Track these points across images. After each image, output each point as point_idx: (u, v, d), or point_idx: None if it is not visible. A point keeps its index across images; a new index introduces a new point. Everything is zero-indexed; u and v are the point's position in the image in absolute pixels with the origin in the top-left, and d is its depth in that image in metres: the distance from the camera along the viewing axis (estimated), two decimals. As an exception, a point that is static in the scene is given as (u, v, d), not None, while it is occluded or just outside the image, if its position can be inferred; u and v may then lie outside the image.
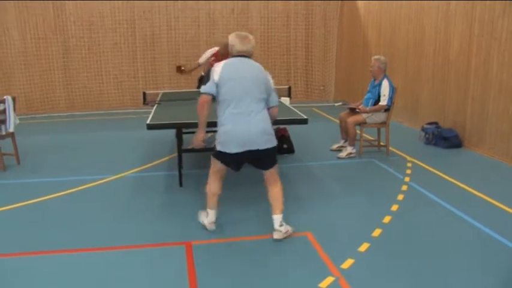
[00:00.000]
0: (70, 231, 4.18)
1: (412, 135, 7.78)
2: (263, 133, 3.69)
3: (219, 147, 3.74)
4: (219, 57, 7.82)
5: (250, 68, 3.80)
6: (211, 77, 3.75)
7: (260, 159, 3.82)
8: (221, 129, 3.72)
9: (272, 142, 3.78)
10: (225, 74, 3.70)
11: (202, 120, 3.82)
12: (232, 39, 3.83)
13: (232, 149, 3.67)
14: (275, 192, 3.89)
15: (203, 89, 3.77)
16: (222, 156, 3.77)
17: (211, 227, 4.04)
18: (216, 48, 7.88)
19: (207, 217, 4.05)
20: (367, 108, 6.47)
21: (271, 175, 3.91)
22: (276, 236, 3.83)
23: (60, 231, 4.18)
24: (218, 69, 3.73)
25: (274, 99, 3.92)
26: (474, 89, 6.75)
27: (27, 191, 5.26)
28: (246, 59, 3.83)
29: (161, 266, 3.52)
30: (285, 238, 3.86)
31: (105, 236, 4.07)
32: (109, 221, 4.39)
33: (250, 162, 3.89)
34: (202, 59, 7.75)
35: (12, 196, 5.11)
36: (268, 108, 3.87)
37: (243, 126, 3.64)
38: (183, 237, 3.97)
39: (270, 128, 3.79)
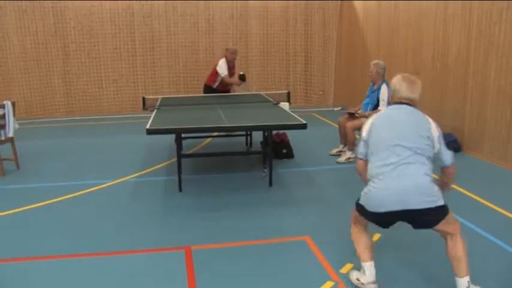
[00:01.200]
0: (69, 237, 4.18)
1: (411, 140, 7.79)
2: (414, 190, 2.95)
3: (363, 203, 3.15)
4: (228, 64, 7.89)
5: (409, 112, 3.18)
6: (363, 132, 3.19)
7: (419, 218, 3.10)
8: (368, 185, 3.10)
9: (430, 201, 3.01)
10: (375, 123, 3.13)
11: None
12: (398, 82, 3.23)
13: (371, 207, 3.07)
14: (457, 249, 3.10)
15: (357, 152, 3.29)
16: (367, 213, 3.15)
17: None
18: (224, 59, 7.92)
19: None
20: (366, 113, 6.48)
21: (445, 226, 3.12)
22: None
23: (59, 237, 4.18)
24: (370, 121, 3.17)
25: (449, 157, 3.17)
26: (472, 94, 6.78)
27: (26, 196, 5.26)
28: (408, 107, 3.19)
29: (161, 271, 3.52)
30: None
31: (104, 241, 4.07)
32: (108, 226, 4.40)
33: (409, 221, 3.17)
34: (223, 71, 7.90)
35: (11, 201, 5.11)
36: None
37: (387, 183, 2.97)
38: (183, 242, 3.97)
39: (428, 186, 3.01)
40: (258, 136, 7.26)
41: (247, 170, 6.27)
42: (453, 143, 6.92)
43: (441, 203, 3.04)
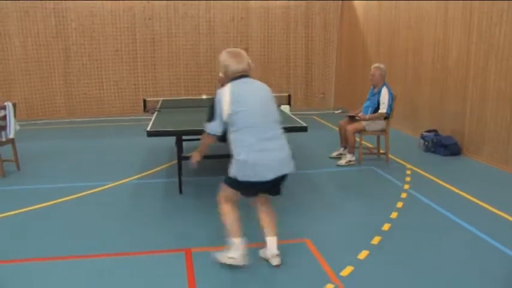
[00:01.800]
0: (69, 238, 4.18)
1: (411, 142, 7.81)
2: (286, 158, 3.42)
3: (240, 177, 3.33)
4: None
5: (258, 87, 3.47)
6: (217, 110, 3.34)
7: (278, 183, 3.50)
8: (243, 160, 3.29)
9: (292, 166, 3.47)
10: (236, 101, 3.28)
11: (204, 152, 3.66)
12: (225, 58, 3.42)
13: (255, 177, 3.30)
14: (273, 217, 3.66)
15: (209, 128, 3.44)
16: (243, 185, 3.38)
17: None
18: None
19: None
20: (367, 116, 6.49)
21: (268, 198, 3.66)
22: (276, 262, 3.55)
23: (59, 238, 4.18)
24: (226, 99, 3.29)
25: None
26: (473, 97, 6.79)
27: (27, 198, 5.26)
28: (249, 79, 3.44)
29: (161, 273, 3.52)
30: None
31: (104, 242, 4.07)
32: (109, 227, 4.40)
33: (269, 189, 3.54)
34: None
35: (11, 202, 5.11)
36: None
37: (266, 154, 3.29)
38: (183, 244, 3.98)
39: (290, 153, 3.49)
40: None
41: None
42: (453, 146, 6.93)
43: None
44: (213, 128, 3.43)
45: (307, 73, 12.11)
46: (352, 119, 6.68)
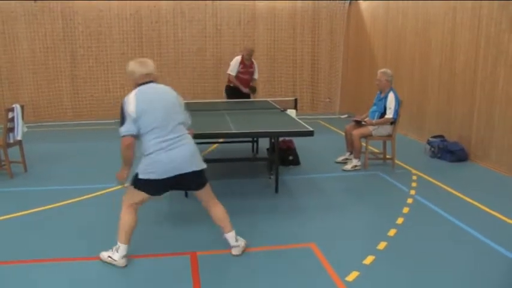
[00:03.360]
0: (75, 240, 4.20)
1: (417, 148, 7.78)
2: (191, 157, 3.63)
3: (146, 176, 3.59)
4: (244, 62, 8.11)
5: (163, 92, 3.71)
6: (126, 113, 3.58)
7: (189, 181, 3.70)
8: (148, 159, 3.59)
9: (201, 164, 3.71)
10: (140, 105, 3.54)
11: (128, 161, 3.73)
12: (132, 65, 3.67)
13: (160, 174, 3.55)
14: (220, 212, 3.85)
15: (122, 130, 3.62)
16: (150, 184, 3.62)
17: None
18: (239, 57, 8.18)
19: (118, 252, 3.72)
20: (373, 121, 6.48)
21: (208, 195, 3.87)
22: (235, 252, 3.82)
23: (65, 239, 4.20)
24: (131, 103, 3.56)
25: (188, 121, 3.86)
26: (480, 103, 6.76)
27: (33, 199, 5.29)
28: (155, 84, 3.69)
29: (166, 275, 3.52)
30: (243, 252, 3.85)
31: (109, 245, 4.07)
32: (113, 230, 4.39)
33: (176, 187, 3.79)
34: (231, 70, 8.24)
35: (18, 204, 5.14)
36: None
37: (171, 153, 3.54)
38: (188, 247, 3.98)
39: (197, 151, 3.73)
40: (264, 143, 7.27)
41: (253, 176, 6.27)
42: (460, 152, 6.89)
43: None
44: (126, 128, 3.61)
45: (313, 77, 12.10)
46: (359, 123, 6.67)
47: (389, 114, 6.34)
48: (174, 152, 3.56)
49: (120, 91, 11.28)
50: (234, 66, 8.20)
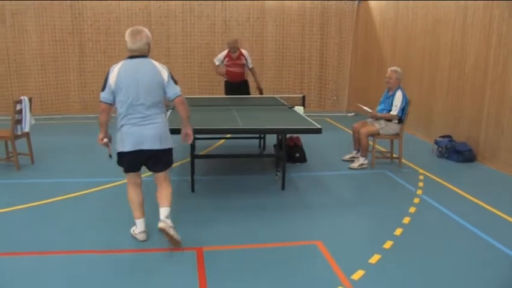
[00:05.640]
0: (82, 233, 4.21)
1: (424, 147, 7.74)
2: (157, 136, 3.77)
3: (120, 149, 3.84)
4: (230, 55, 8.23)
5: (143, 72, 3.72)
6: (108, 81, 3.75)
7: (154, 159, 3.86)
8: (120, 133, 3.83)
9: (167, 144, 3.85)
10: (120, 79, 3.68)
11: (102, 124, 3.97)
12: (126, 35, 3.81)
13: (127, 147, 3.76)
14: (168, 193, 3.97)
15: (101, 96, 3.82)
16: (122, 160, 3.88)
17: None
18: (226, 50, 8.33)
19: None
20: (378, 114, 6.46)
21: (164, 177, 4.00)
22: (160, 225, 3.77)
23: (72, 232, 4.21)
24: (114, 75, 3.72)
25: (172, 92, 3.82)
26: (490, 103, 6.70)
27: (40, 191, 5.31)
28: (141, 60, 3.76)
29: (172, 271, 3.52)
30: (170, 236, 3.74)
31: (115, 239, 4.09)
32: (119, 224, 4.41)
33: (145, 163, 3.94)
34: (216, 59, 8.57)
35: (25, 195, 5.16)
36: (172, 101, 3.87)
37: (138, 128, 3.73)
38: (194, 243, 3.98)
39: (165, 132, 3.87)
40: (271, 139, 7.26)
41: (260, 172, 6.26)
42: (467, 153, 6.85)
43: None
44: (104, 96, 3.81)
45: (321, 75, 12.06)
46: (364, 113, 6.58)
47: (394, 111, 6.31)
48: (143, 128, 3.72)
49: (128, 85, 11.29)
50: (219, 57, 8.50)
